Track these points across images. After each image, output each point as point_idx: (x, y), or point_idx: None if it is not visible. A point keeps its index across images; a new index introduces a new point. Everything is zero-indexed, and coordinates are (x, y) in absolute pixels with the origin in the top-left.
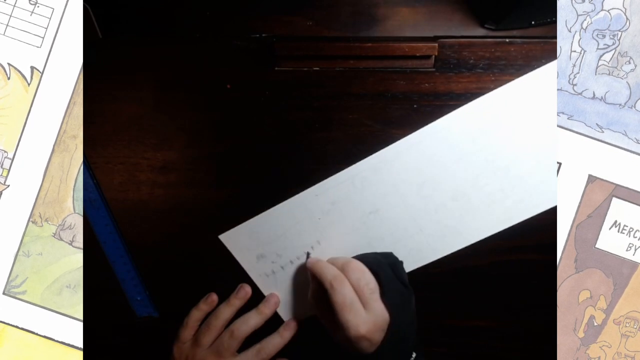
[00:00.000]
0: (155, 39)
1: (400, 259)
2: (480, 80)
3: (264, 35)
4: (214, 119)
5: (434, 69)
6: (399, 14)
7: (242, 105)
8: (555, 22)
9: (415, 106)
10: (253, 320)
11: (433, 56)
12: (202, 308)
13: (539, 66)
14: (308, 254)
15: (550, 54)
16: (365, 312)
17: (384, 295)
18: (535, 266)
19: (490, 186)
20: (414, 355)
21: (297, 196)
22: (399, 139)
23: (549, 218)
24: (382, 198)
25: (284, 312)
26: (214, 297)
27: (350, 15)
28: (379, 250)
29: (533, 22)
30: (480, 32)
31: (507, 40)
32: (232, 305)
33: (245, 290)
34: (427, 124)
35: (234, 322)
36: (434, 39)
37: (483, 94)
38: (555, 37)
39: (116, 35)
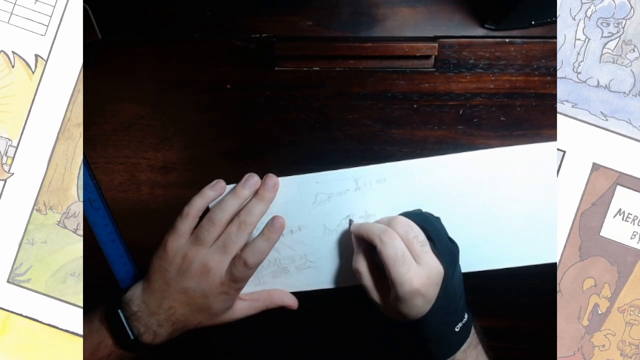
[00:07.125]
0: (155, 39)
1: None
2: (480, 80)
3: (264, 35)
4: (214, 119)
5: (434, 69)
6: (399, 14)
7: (242, 105)
8: (555, 22)
9: (415, 106)
10: (257, 208)
11: (433, 56)
12: (209, 195)
13: (539, 67)
14: (350, 220)
15: (550, 53)
16: (417, 266)
17: (436, 247)
18: (535, 266)
19: (480, 229)
20: (465, 316)
21: (297, 176)
22: (398, 139)
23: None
24: (377, 206)
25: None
26: (222, 184)
27: (350, 15)
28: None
29: (533, 22)
30: (480, 32)
31: (507, 40)
32: (239, 197)
33: (255, 180)
34: (427, 124)
35: (238, 214)
36: (434, 39)
37: (483, 93)
38: (555, 37)
39: (116, 35)
